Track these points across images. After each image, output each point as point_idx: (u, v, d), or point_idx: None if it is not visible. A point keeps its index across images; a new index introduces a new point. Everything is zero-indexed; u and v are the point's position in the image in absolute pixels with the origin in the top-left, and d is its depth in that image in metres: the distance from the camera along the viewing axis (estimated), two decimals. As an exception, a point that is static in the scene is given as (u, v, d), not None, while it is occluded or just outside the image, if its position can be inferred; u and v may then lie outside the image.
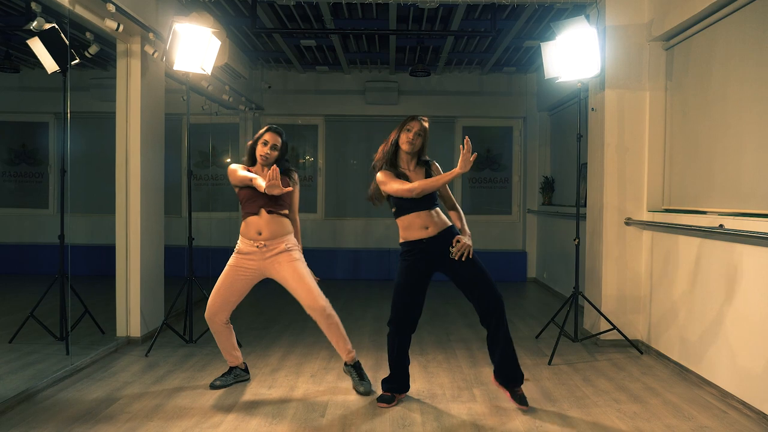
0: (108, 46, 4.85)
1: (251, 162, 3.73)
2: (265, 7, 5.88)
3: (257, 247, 3.61)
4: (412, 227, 3.50)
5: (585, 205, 5.62)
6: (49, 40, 4.21)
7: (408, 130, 3.56)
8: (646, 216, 4.84)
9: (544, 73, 4.94)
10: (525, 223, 8.86)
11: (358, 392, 3.71)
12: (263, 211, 3.63)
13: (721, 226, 3.67)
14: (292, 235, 3.73)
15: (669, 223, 4.43)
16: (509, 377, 3.50)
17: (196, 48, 4.50)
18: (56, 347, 4.43)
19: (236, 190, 3.73)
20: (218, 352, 4.57)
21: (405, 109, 8.70)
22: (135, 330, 4.81)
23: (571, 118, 6.59)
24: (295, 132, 9.07)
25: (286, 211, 3.72)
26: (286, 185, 3.52)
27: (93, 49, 4.71)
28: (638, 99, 4.87)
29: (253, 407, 3.45)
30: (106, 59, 6.77)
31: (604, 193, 4.95)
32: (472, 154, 3.24)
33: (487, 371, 4.19)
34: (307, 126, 9.08)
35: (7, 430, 3.05)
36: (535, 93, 8.68)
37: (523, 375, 3.53)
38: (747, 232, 3.40)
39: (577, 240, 4.86)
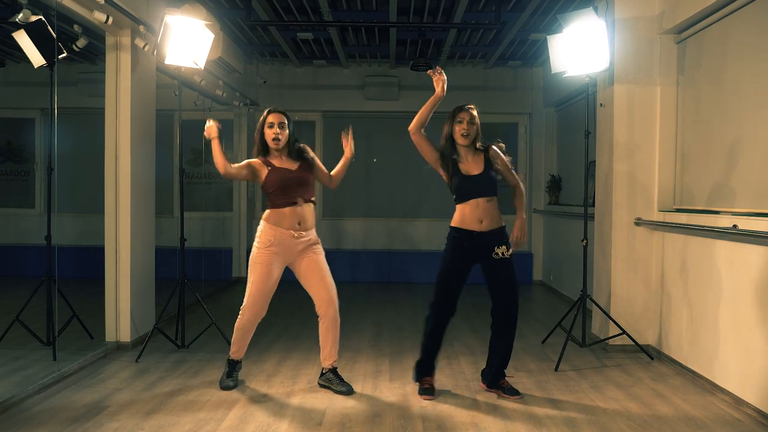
0: (97, 39, 4.85)
1: (264, 152, 3.78)
2: (261, -2, 5.88)
3: (295, 236, 3.69)
4: (469, 217, 3.72)
5: (593, 205, 5.62)
6: (36, 33, 4.21)
7: (460, 122, 3.75)
8: (656, 216, 4.84)
9: (550, 68, 4.94)
10: (531, 224, 8.86)
11: (341, 393, 3.79)
12: (301, 201, 3.72)
13: (734, 226, 3.67)
14: None
15: (681, 224, 4.43)
16: (497, 377, 3.84)
17: (189, 41, 4.50)
18: (43, 352, 4.43)
19: (261, 182, 3.76)
20: (210, 358, 4.58)
21: (406, 104, 8.69)
22: (125, 335, 4.81)
23: (579, 114, 6.59)
24: (291, 128, 9.06)
25: (314, 197, 3.85)
26: (305, 169, 3.78)
27: (81, 43, 4.72)
28: (649, 94, 4.87)
29: (248, 415, 3.45)
30: (94, 53, 6.77)
31: (614, 192, 4.95)
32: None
33: (492, 378, 4.20)
34: (304, 122, 9.07)
35: (-8, 439, 3.06)
36: (541, 88, 8.68)
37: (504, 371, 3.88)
38: (762, 233, 3.40)
39: (585, 241, 4.86)
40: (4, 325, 4.63)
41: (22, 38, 4.24)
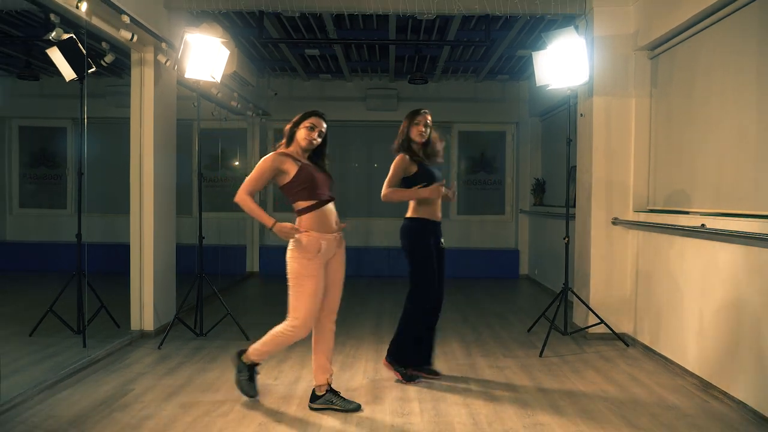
0: (123, 56, 4.86)
1: (290, 144, 3.24)
2: (272, 18, 5.88)
3: (337, 238, 3.23)
4: (434, 205, 3.70)
5: (574, 206, 5.61)
6: (67, 50, 4.21)
7: (417, 124, 3.79)
8: (632, 216, 4.84)
9: (535, 81, 4.93)
10: (517, 223, 8.86)
11: (355, 410, 3.24)
12: (331, 197, 3.22)
13: (702, 225, 3.67)
14: None
15: (654, 223, 4.43)
16: (428, 359, 3.88)
17: (206, 57, 4.50)
18: (74, 340, 4.43)
19: (287, 180, 3.14)
20: (226, 345, 4.57)
21: (404, 114, 8.65)
22: (148, 324, 4.81)
23: (561, 123, 6.58)
24: (299, 136, 9.05)
25: None
26: (326, 174, 3.30)
27: (109, 58, 4.72)
28: (625, 105, 4.87)
29: (261, 397, 3.45)
30: (121, 68, 6.77)
31: (592, 194, 4.95)
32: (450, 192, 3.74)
33: (482, 363, 4.20)
34: (312, 131, 9.05)
35: (27, 419, 3.06)
36: (527, 99, 8.68)
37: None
38: (727, 231, 3.40)
39: (566, 239, 4.86)
40: (38, 315, 4.63)
41: (55, 54, 4.24)
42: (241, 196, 3.14)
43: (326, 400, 3.26)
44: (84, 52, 4.23)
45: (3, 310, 5.85)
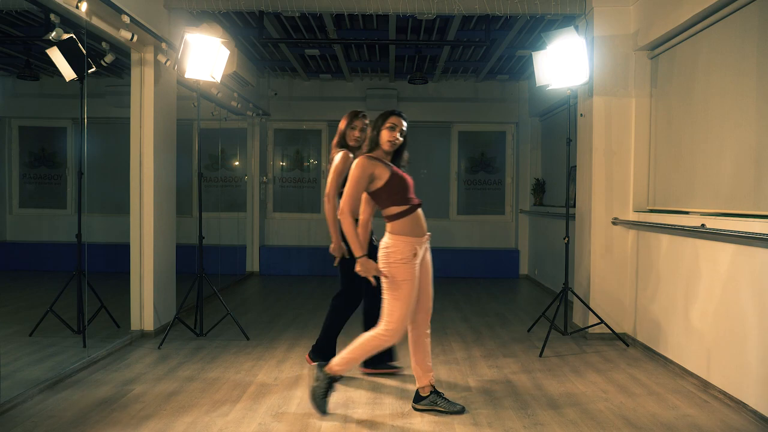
0: (123, 56, 4.85)
1: (374, 148, 3.19)
2: (272, 18, 5.88)
3: (426, 241, 3.18)
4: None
5: (574, 206, 5.61)
6: (67, 50, 4.21)
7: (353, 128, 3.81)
8: (632, 216, 4.84)
9: (535, 81, 4.94)
10: (517, 223, 8.86)
11: (459, 412, 3.22)
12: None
13: (702, 225, 3.67)
14: None
15: (654, 223, 4.43)
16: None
17: (206, 57, 4.50)
18: (74, 340, 4.43)
19: (379, 185, 3.10)
20: (226, 344, 4.58)
21: (405, 114, 8.68)
22: (148, 324, 4.81)
23: (561, 123, 6.59)
24: (299, 136, 9.07)
25: None
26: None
27: (109, 58, 4.72)
28: (624, 105, 4.87)
29: (259, 397, 3.45)
30: (121, 68, 6.77)
31: (593, 194, 4.95)
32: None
33: (482, 363, 4.20)
34: (311, 131, 9.07)
35: (27, 419, 3.05)
36: (527, 99, 8.67)
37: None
38: (727, 231, 3.40)
39: (566, 239, 4.86)
40: (38, 315, 4.63)
41: (55, 54, 4.24)
42: (345, 215, 3.02)
43: (431, 401, 3.26)
44: (84, 52, 4.23)
45: (3, 310, 5.85)
